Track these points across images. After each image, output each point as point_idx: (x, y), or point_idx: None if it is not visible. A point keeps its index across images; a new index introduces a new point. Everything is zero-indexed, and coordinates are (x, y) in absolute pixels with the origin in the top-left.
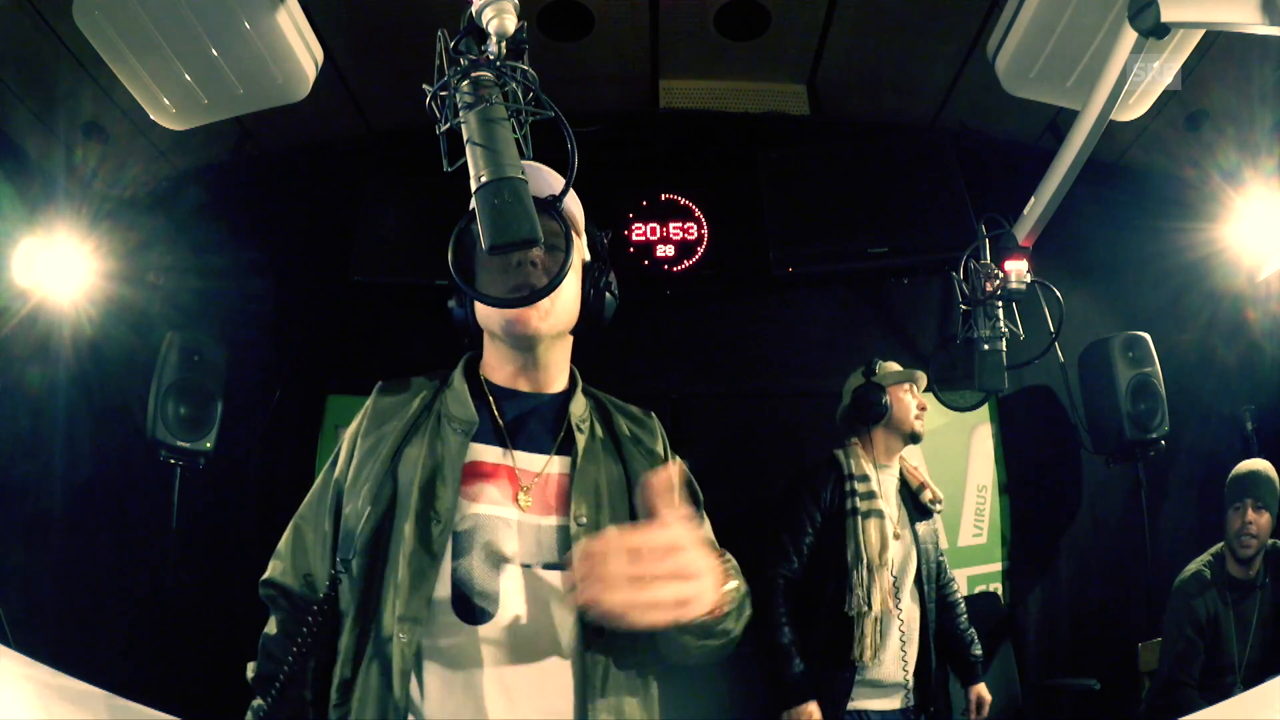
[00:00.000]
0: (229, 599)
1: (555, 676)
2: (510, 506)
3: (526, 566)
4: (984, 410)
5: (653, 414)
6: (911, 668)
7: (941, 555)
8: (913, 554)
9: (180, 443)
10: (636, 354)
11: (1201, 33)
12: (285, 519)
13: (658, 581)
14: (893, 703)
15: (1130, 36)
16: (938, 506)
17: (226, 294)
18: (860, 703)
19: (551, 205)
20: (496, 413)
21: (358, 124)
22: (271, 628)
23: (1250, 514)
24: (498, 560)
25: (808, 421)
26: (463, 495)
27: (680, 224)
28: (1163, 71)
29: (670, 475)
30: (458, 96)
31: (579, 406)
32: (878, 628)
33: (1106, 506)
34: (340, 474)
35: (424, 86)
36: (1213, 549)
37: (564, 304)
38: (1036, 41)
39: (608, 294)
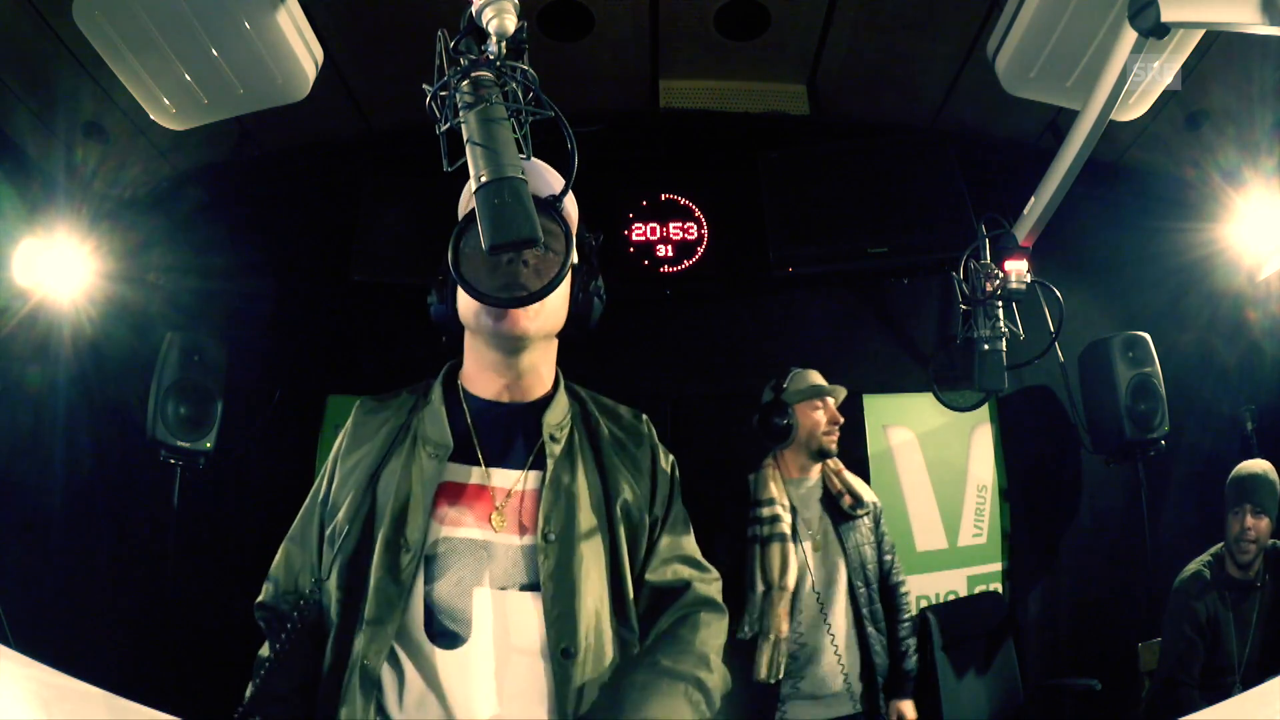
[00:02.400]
0: (229, 599)
1: (531, 699)
2: (484, 528)
3: (501, 589)
4: (984, 410)
5: (644, 417)
6: (855, 674)
7: (888, 554)
8: (839, 563)
9: (180, 443)
10: (636, 354)
11: (1201, 33)
12: (285, 519)
13: None
14: (833, 711)
15: (1130, 36)
16: (860, 510)
17: (226, 294)
18: (799, 715)
19: (551, 205)
20: (473, 428)
21: (358, 124)
22: (266, 650)
23: (1249, 519)
24: (470, 585)
25: None
26: (435, 519)
27: (680, 224)
28: (1163, 71)
29: None
30: (458, 96)
31: (556, 414)
32: (776, 649)
33: (1106, 506)
34: (324, 495)
35: (424, 86)
36: (1212, 549)
37: (553, 305)
38: (1036, 41)
39: (595, 298)
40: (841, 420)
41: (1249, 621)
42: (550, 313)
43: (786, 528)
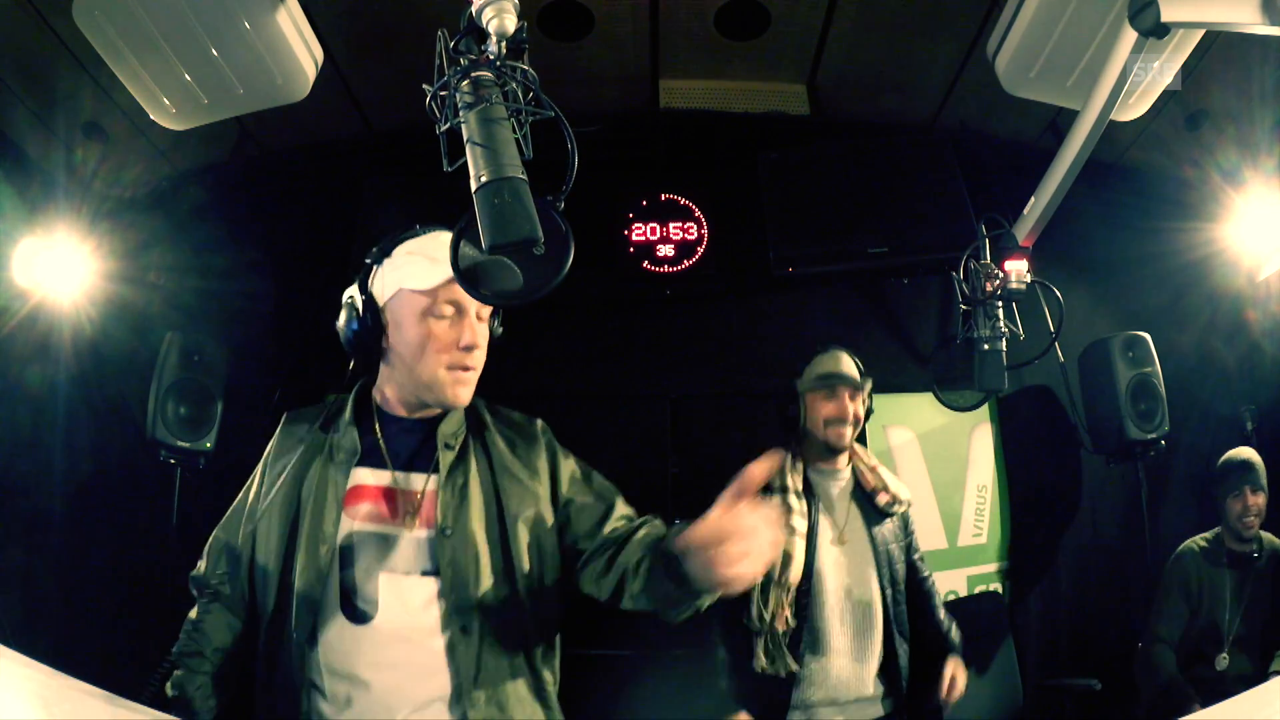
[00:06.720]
0: None
1: (433, 669)
2: (391, 523)
3: (405, 574)
4: (984, 410)
5: (537, 421)
6: (876, 679)
7: (916, 554)
8: (869, 560)
9: (180, 443)
10: (636, 354)
11: (1201, 33)
12: None
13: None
14: (858, 715)
15: (1130, 36)
16: (896, 508)
17: (226, 294)
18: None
19: (552, 206)
20: (382, 438)
21: (358, 124)
22: (194, 613)
23: (1250, 498)
24: (375, 570)
25: None
26: (347, 514)
27: (680, 224)
28: (1163, 71)
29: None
30: (458, 96)
31: (450, 425)
32: (774, 641)
33: (1106, 506)
34: (255, 495)
35: (424, 86)
36: (1208, 533)
37: (481, 357)
38: (1036, 41)
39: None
40: (853, 415)
41: (1241, 594)
42: (480, 367)
43: (798, 520)
